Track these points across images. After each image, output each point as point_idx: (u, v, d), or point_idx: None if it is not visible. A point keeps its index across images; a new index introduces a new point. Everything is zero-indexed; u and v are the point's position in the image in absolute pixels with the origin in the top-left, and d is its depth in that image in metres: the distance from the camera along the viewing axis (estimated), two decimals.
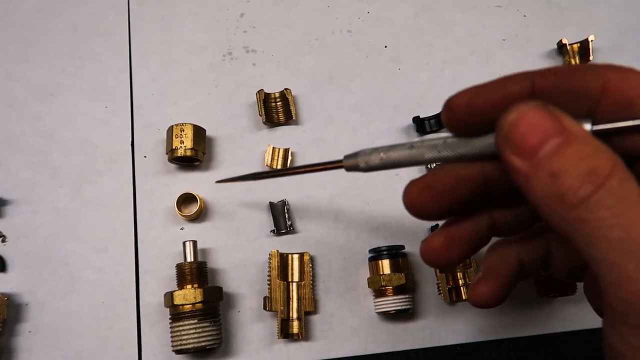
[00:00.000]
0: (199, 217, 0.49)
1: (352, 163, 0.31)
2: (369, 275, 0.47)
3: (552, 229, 0.32)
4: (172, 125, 0.48)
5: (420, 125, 0.51)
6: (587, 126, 0.25)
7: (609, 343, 0.24)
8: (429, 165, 0.50)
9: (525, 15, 0.57)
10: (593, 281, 0.31)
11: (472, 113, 0.27)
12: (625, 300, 0.21)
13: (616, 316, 0.22)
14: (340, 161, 0.32)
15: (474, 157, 0.28)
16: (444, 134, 0.29)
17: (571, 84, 0.25)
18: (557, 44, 0.55)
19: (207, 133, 0.50)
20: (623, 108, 0.25)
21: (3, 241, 0.47)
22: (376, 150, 0.30)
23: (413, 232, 0.49)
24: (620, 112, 0.25)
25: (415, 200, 0.29)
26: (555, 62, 0.56)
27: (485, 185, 0.29)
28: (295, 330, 0.46)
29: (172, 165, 0.50)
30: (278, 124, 0.52)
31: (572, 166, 0.22)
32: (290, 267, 0.48)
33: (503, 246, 0.33)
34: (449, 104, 0.27)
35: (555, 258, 0.33)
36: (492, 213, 0.31)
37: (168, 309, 0.44)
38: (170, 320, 0.44)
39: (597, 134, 0.24)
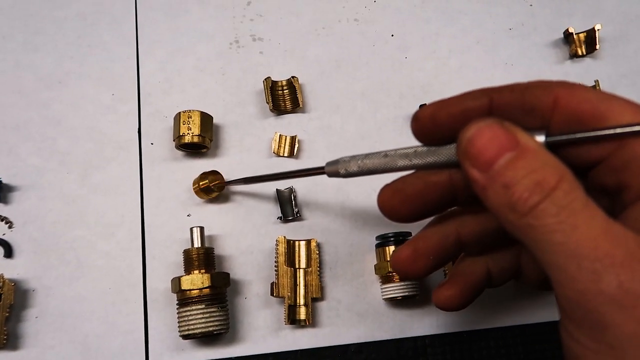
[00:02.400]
0: (222, 192, 0.49)
1: (333, 169, 0.34)
2: (375, 262, 0.47)
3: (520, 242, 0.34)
4: (180, 112, 0.48)
5: None
6: (541, 138, 0.27)
7: (562, 341, 0.25)
8: None
9: (531, 5, 0.57)
10: None
11: (436, 125, 0.29)
12: (570, 298, 0.23)
13: (564, 314, 0.25)
14: (322, 168, 0.35)
15: (441, 164, 0.30)
16: (415, 144, 0.31)
17: (525, 99, 0.28)
18: (564, 33, 0.55)
19: (215, 121, 0.50)
20: (573, 122, 0.27)
21: (10, 227, 0.47)
22: (354, 158, 0.33)
23: None
24: (571, 125, 0.27)
25: (387, 202, 0.32)
26: (561, 51, 0.56)
27: (452, 192, 0.31)
28: (302, 316, 0.46)
29: (179, 152, 0.50)
30: (285, 111, 0.52)
31: (522, 178, 0.24)
32: (297, 254, 0.48)
33: (473, 254, 0.36)
34: (416, 115, 0.30)
35: (526, 269, 0.35)
36: (458, 228, 0.33)
37: (175, 295, 0.44)
38: (178, 306, 0.44)
39: (550, 145, 0.26)
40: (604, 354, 0.23)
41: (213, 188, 0.47)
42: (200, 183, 0.47)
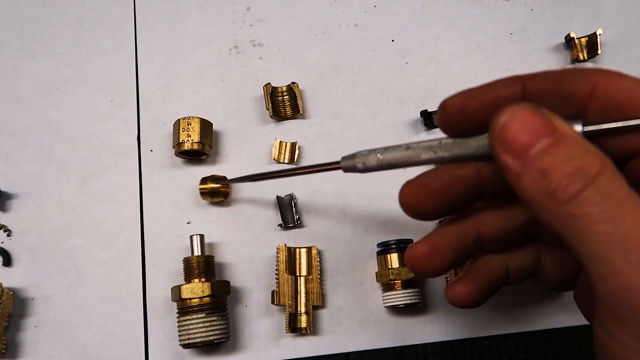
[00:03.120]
0: (226, 199, 0.49)
1: (350, 164, 0.31)
2: (377, 269, 0.47)
3: (543, 240, 0.33)
4: (179, 119, 0.47)
5: (428, 118, 0.51)
6: (578, 127, 0.26)
7: (598, 339, 0.24)
8: None
9: (532, 9, 0.57)
10: (584, 288, 0.32)
11: (466, 115, 0.28)
12: (614, 293, 0.22)
13: (605, 311, 0.23)
14: (337, 162, 0.32)
15: (468, 157, 0.28)
16: (439, 136, 0.29)
17: (561, 87, 0.26)
18: (565, 37, 0.55)
19: (214, 127, 0.50)
20: (612, 110, 0.26)
21: (8, 235, 0.47)
22: (373, 151, 0.30)
23: (421, 226, 0.48)
24: (609, 114, 0.26)
25: (411, 199, 0.30)
26: (563, 55, 0.55)
27: (479, 186, 0.30)
28: (304, 324, 0.45)
29: (179, 159, 0.50)
30: (285, 117, 0.51)
31: (561, 164, 0.23)
32: (298, 261, 0.47)
33: (491, 252, 0.34)
34: (444, 105, 0.28)
35: (546, 269, 0.33)
36: (479, 225, 0.32)
37: (175, 303, 0.44)
38: (178, 315, 0.43)
39: (587, 135, 0.25)
40: None
41: (221, 191, 0.47)
42: (210, 186, 0.47)
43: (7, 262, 0.46)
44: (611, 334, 0.23)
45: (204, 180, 0.47)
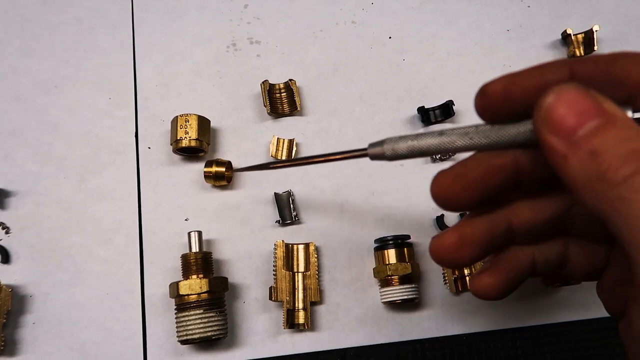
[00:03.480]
0: (229, 184, 0.49)
1: (378, 151, 0.30)
2: (374, 265, 0.47)
3: (573, 233, 0.32)
4: (177, 116, 0.48)
5: (425, 115, 0.51)
6: (629, 113, 0.25)
7: (635, 327, 0.23)
8: (435, 157, 0.50)
9: (529, 6, 0.57)
10: (610, 282, 0.31)
11: (509, 100, 0.26)
12: None
13: None
14: (365, 149, 0.30)
15: (507, 144, 0.27)
16: (473, 123, 0.28)
17: (611, 72, 0.25)
18: (562, 34, 0.55)
19: (212, 124, 0.50)
20: None
21: (7, 233, 0.47)
22: (404, 138, 0.29)
23: (418, 222, 0.49)
24: None
25: (446, 190, 0.29)
26: (559, 52, 0.55)
27: (517, 176, 0.29)
28: (301, 320, 0.46)
29: (177, 157, 0.50)
30: (283, 114, 0.52)
31: (613, 146, 0.22)
32: (295, 258, 0.47)
33: (520, 243, 0.32)
34: (485, 90, 0.27)
35: (573, 261, 0.32)
36: (510, 216, 0.31)
37: (173, 300, 0.44)
38: (176, 311, 0.43)
39: (638, 121, 0.24)
40: None
41: (225, 176, 0.47)
42: (214, 169, 0.47)
43: (6, 259, 0.46)
44: None
45: (209, 164, 0.47)
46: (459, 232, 0.30)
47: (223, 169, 0.47)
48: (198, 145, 0.47)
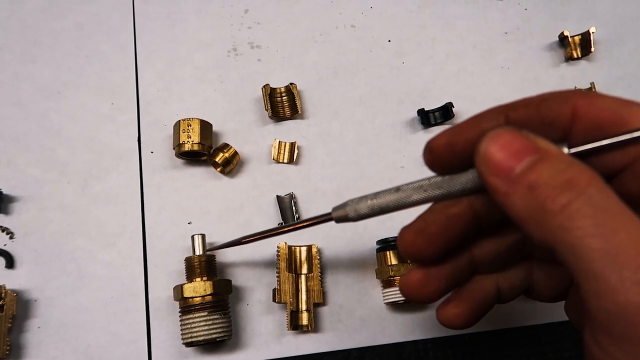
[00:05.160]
0: (234, 168, 0.50)
1: (341, 214, 0.32)
2: (376, 267, 0.47)
3: (535, 257, 0.33)
4: (179, 120, 0.48)
5: (425, 117, 0.52)
6: (564, 150, 0.26)
7: (590, 353, 0.24)
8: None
9: (526, 9, 0.58)
10: (575, 300, 0.32)
11: (453, 152, 0.28)
12: (608, 310, 0.21)
13: (598, 326, 0.22)
14: (329, 214, 0.33)
15: (459, 193, 0.29)
16: (427, 175, 0.30)
17: (542, 113, 0.27)
18: (559, 36, 0.56)
19: (214, 128, 0.50)
20: (595, 131, 0.26)
21: (11, 238, 0.48)
22: (363, 198, 0.31)
23: None
24: (593, 134, 0.26)
25: (411, 245, 0.30)
26: (557, 54, 0.56)
27: (475, 221, 0.30)
28: (305, 322, 0.46)
29: (179, 161, 0.50)
30: (284, 118, 0.52)
31: (548, 178, 0.23)
32: (298, 260, 0.48)
33: (483, 273, 0.34)
34: (430, 146, 0.29)
35: (539, 285, 0.34)
36: (472, 249, 0.32)
37: (177, 303, 0.45)
38: (180, 313, 0.44)
39: (573, 156, 0.25)
40: None
41: (230, 159, 0.49)
42: (227, 154, 0.48)
43: (10, 264, 0.47)
44: (603, 349, 0.22)
45: (215, 153, 0.48)
46: (424, 269, 0.32)
47: (229, 155, 0.49)
48: (200, 149, 0.48)
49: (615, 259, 0.21)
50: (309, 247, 0.48)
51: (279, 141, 0.51)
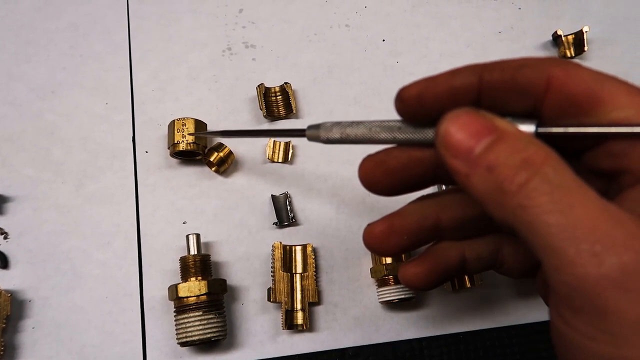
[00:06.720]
0: (229, 168, 0.50)
1: (314, 134, 0.32)
2: (371, 265, 0.48)
3: (504, 232, 0.34)
4: (174, 120, 0.48)
5: None
6: (532, 128, 0.26)
7: (554, 328, 0.24)
8: None
9: (520, 8, 0.58)
10: (542, 276, 0.32)
11: (422, 105, 0.28)
12: (568, 284, 0.22)
13: (560, 300, 0.23)
14: (303, 130, 0.33)
15: (424, 142, 0.29)
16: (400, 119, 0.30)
17: (517, 80, 0.26)
18: (552, 35, 0.56)
19: (209, 128, 0.50)
20: (568, 106, 0.26)
21: (5, 238, 0.47)
22: (338, 124, 0.31)
23: None
24: (566, 109, 0.26)
25: (368, 174, 0.31)
26: (550, 53, 0.56)
27: (436, 169, 0.30)
28: (300, 321, 0.46)
29: (174, 160, 0.50)
30: (278, 117, 0.52)
31: (506, 158, 0.23)
32: (293, 259, 0.48)
33: (450, 239, 0.34)
34: (400, 96, 0.29)
35: (508, 260, 0.34)
36: (439, 211, 0.32)
37: (172, 303, 0.45)
38: (175, 313, 0.44)
39: (540, 136, 0.26)
40: (604, 342, 0.21)
41: (225, 158, 0.49)
42: (221, 154, 0.48)
43: (5, 264, 0.47)
44: (566, 321, 0.23)
45: (210, 153, 0.48)
46: (388, 221, 0.33)
47: (223, 154, 0.49)
48: (195, 149, 0.48)
49: (572, 233, 0.21)
50: (304, 247, 0.48)
51: (274, 140, 0.51)
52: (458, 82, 0.27)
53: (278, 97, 0.53)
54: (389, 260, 0.46)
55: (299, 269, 0.48)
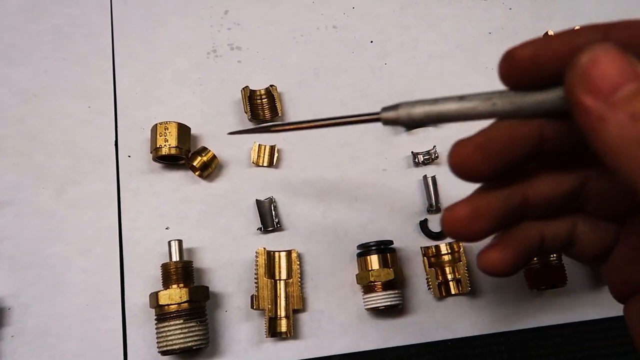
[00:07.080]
0: (213, 172, 0.49)
1: (391, 116, 0.28)
2: (357, 272, 0.47)
3: (584, 210, 0.31)
4: (156, 124, 0.47)
5: None
6: None
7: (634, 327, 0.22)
8: (418, 160, 0.49)
9: (510, 8, 0.57)
10: (618, 262, 0.30)
11: (537, 65, 0.25)
12: None
13: None
14: (377, 113, 0.28)
15: (532, 111, 0.25)
16: (494, 90, 0.26)
17: None
18: (544, 35, 0.55)
19: (193, 131, 0.49)
20: None
21: None
22: (420, 102, 0.27)
23: (401, 228, 0.49)
24: None
25: (466, 161, 0.27)
26: None
27: (540, 147, 0.27)
28: (284, 328, 0.45)
29: (157, 165, 0.49)
30: (264, 120, 0.51)
31: None
32: (277, 265, 0.47)
33: (531, 219, 0.31)
34: (512, 54, 0.26)
35: (582, 240, 0.31)
36: (527, 189, 0.29)
37: (154, 310, 0.44)
38: (156, 321, 0.43)
39: None
40: None
41: (209, 163, 0.48)
42: (205, 158, 0.47)
43: None
44: None
45: (193, 157, 0.47)
46: (473, 203, 0.28)
47: (206, 159, 0.48)
48: (178, 153, 0.47)
49: None
50: (289, 253, 0.47)
51: (259, 144, 0.50)
52: (581, 41, 0.24)
53: (263, 100, 0.52)
54: (375, 266, 0.45)
55: (283, 275, 0.47)
